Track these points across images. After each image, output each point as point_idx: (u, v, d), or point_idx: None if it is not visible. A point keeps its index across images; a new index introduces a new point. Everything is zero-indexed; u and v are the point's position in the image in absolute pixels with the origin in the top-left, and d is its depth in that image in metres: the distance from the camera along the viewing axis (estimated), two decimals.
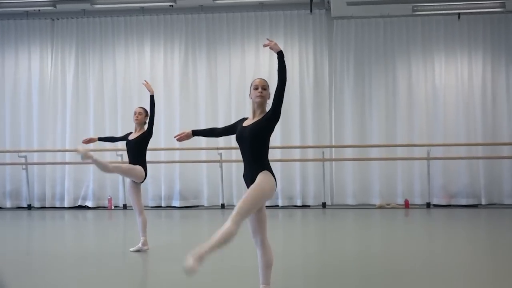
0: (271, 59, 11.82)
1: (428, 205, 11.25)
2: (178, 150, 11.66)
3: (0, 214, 11.38)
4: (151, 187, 11.83)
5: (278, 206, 11.59)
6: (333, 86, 11.92)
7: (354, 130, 11.76)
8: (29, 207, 11.90)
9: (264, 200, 4.11)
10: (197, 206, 11.85)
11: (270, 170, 4.17)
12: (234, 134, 4.41)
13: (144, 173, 6.83)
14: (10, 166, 12.03)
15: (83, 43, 12.27)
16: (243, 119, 4.44)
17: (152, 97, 6.92)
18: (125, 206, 11.61)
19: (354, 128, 11.76)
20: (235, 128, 4.42)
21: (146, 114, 6.96)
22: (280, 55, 4.17)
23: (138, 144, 6.84)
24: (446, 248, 7.14)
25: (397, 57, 11.82)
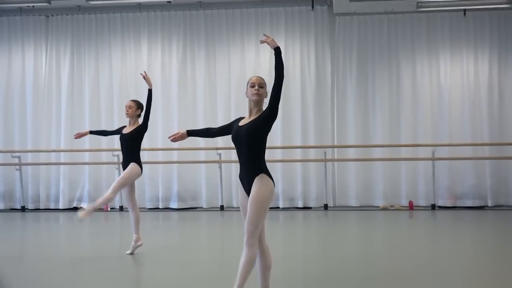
0: (271, 57, 11.65)
1: (433, 206, 11.24)
2: (176, 150, 11.66)
3: None
4: (148, 188, 11.83)
5: (278, 208, 11.58)
6: (335, 84, 11.92)
7: (357, 130, 11.76)
8: (23, 208, 11.90)
9: (267, 208, 4.13)
10: (195, 208, 11.85)
11: (267, 172, 4.17)
12: (230, 134, 4.42)
13: (140, 169, 6.85)
14: (3, 167, 12.02)
15: (78, 41, 12.27)
16: (239, 119, 4.45)
17: (150, 91, 6.92)
18: (121, 208, 11.61)
19: (357, 127, 11.76)
20: (231, 128, 4.42)
21: (138, 106, 6.94)
22: (277, 51, 4.19)
23: (132, 138, 6.84)
24: (451, 251, 7.14)
25: (401, 55, 11.81)
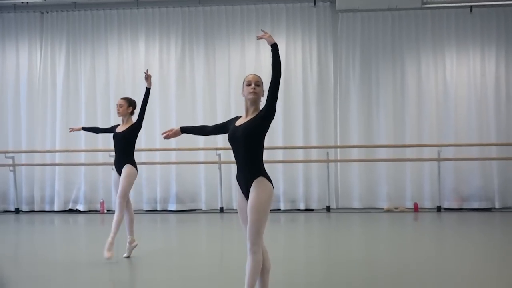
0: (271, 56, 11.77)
1: (439, 208, 11.24)
2: (174, 150, 11.65)
3: None
4: (146, 189, 11.83)
5: (280, 210, 11.58)
6: (338, 83, 11.91)
7: (360, 130, 11.75)
8: (17, 211, 11.89)
9: (268, 212, 4.12)
10: (194, 210, 11.84)
11: (265, 175, 4.15)
12: (226, 133, 4.41)
13: (135, 169, 6.84)
14: None
15: (74, 38, 12.26)
16: (235, 118, 4.44)
17: (148, 90, 6.91)
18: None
19: (360, 127, 11.76)
20: (227, 127, 4.41)
21: (129, 104, 6.91)
22: (274, 48, 4.21)
23: (126, 137, 6.82)
24: (458, 254, 7.14)
25: (406, 52, 11.81)
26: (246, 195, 4.16)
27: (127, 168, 6.77)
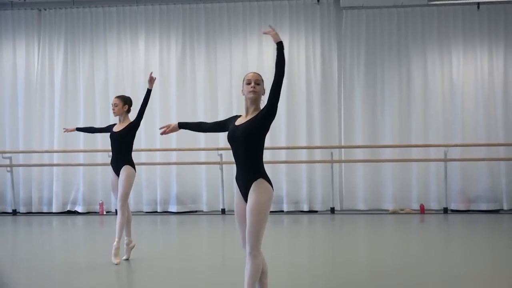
0: (275, 53, 11.76)
1: (445, 210, 11.23)
2: (174, 150, 11.66)
3: None
4: (146, 191, 11.84)
5: (283, 211, 11.59)
6: (342, 82, 11.91)
7: (365, 130, 11.75)
8: (14, 212, 11.91)
9: (268, 214, 4.13)
10: (195, 212, 11.85)
11: (265, 176, 4.16)
12: (224, 131, 4.41)
13: (134, 170, 6.84)
14: None
15: (72, 36, 12.28)
16: (235, 117, 4.42)
17: (149, 92, 6.92)
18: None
19: (365, 127, 11.75)
20: (226, 126, 4.41)
21: (125, 102, 6.89)
22: (280, 46, 4.19)
23: (123, 136, 6.82)
24: (465, 257, 7.13)
25: (412, 51, 11.80)
26: (244, 196, 4.17)
27: (125, 170, 6.78)
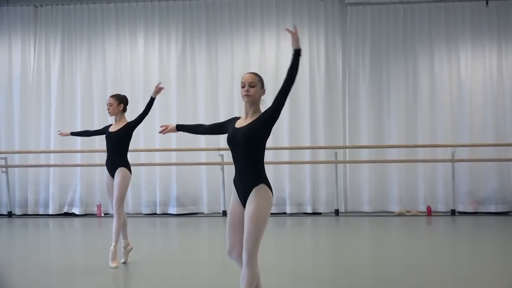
0: (278, 52, 11.82)
1: (453, 212, 11.22)
2: (174, 151, 11.67)
3: None
4: (145, 192, 11.85)
5: (285, 213, 11.59)
6: (347, 80, 11.91)
7: (370, 129, 11.75)
8: (10, 214, 11.92)
9: (267, 222, 4.10)
10: (196, 214, 11.86)
11: (266, 181, 4.12)
12: (223, 133, 4.37)
13: (129, 172, 6.83)
14: None
15: (69, 33, 12.28)
16: (235, 119, 4.38)
17: (153, 100, 6.88)
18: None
19: (370, 127, 11.75)
20: (225, 128, 4.36)
21: (120, 101, 6.86)
22: (298, 53, 4.03)
23: (120, 137, 6.79)
24: (473, 261, 7.13)
25: (418, 48, 11.79)
26: (242, 200, 4.12)
27: (121, 172, 6.75)
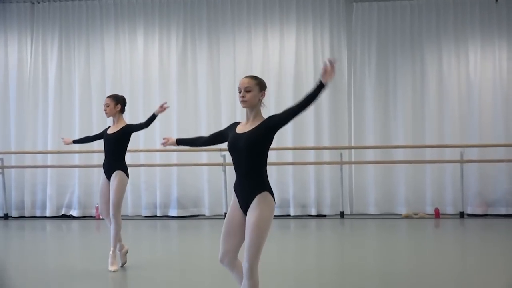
0: (281, 50, 11.82)
1: (462, 214, 11.22)
2: (175, 151, 11.67)
3: None
4: (145, 194, 11.86)
5: (289, 215, 11.59)
6: (352, 79, 11.91)
7: (376, 129, 11.74)
8: (6, 216, 11.93)
9: (269, 230, 4.09)
10: (197, 216, 11.86)
11: (269, 189, 4.12)
12: (224, 142, 4.36)
13: (127, 176, 6.82)
14: None
15: (67, 30, 12.30)
16: (235, 124, 4.36)
17: (155, 117, 6.81)
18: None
19: (376, 126, 11.75)
20: (225, 135, 4.34)
21: (117, 101, 6.84)
22: (323, 86, 3.89)
23: (118, 139, 6.78)
24: (482, 265, 7.12)
25: (426, 46, 11.79)
26: (243, 207, 4.12)
27: (118, 176, 6.73)
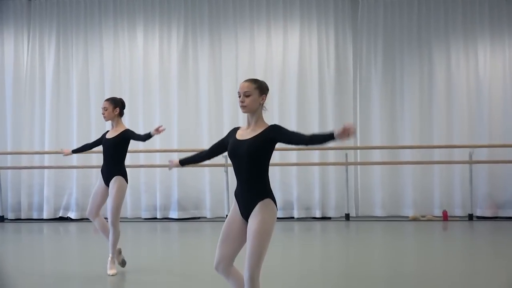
0: (285, 48, 11.83)
1: (471, 217, 11.21)
2: (176, 152, 11.66)
3: None
4: (145, 195, 11.86)
5: (293, 218, 11.59)
6: (358, 77, 11.91)
7: (382, 129, 11.75)
8: (2, 218, 11.94)
9: (271, 237, 4.09)
10: (198, 218, 11.87)
11: (271, 196, 4.12)
12: (225, 151, 4.35)
13: (126, 181, 6.80)
14: None
15: (65, 27, 12.31)
16: (235, 130, 4.35)
17: (150, 137, 6.71)
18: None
19: (382, 126, 11.75)
20: (225, 144, 4.34)
21: (115, 105, 6.80)
22: (332, 137, 3.85)
23: (117, 143, 6.75)
24: (492, 268, 7.12)
25: (434, 44, 11.79)
26: (243, 213, 4.13)
27: (117, 182, 6.70)
